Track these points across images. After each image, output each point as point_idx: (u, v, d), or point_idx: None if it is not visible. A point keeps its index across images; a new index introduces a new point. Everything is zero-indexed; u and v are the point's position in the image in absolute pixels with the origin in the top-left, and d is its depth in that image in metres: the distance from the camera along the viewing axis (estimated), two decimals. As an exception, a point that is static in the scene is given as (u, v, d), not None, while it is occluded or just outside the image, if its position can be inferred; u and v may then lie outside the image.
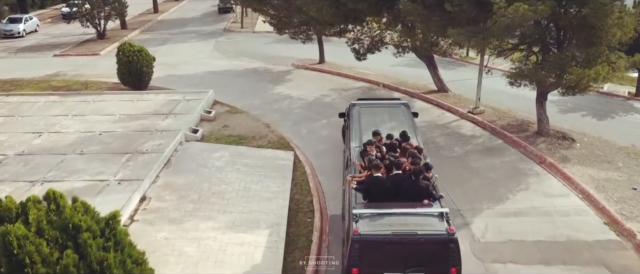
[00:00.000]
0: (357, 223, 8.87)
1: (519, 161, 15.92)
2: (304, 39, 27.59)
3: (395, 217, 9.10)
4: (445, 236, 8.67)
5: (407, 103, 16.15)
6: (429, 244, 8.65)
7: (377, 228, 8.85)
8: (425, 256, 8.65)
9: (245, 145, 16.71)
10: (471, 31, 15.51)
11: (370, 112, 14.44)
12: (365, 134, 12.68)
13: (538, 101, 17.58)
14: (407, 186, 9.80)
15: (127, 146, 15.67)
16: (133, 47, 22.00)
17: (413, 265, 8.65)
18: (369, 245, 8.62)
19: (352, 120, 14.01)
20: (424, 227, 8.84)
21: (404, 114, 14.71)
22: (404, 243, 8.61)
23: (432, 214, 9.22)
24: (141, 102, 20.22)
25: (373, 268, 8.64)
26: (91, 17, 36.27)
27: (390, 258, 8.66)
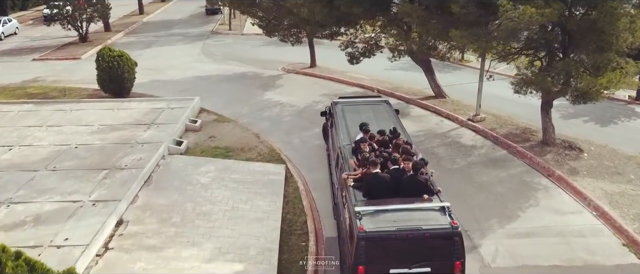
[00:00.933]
0: (361, 221, 8.75)
1: (525, 174, 14.95)
2: (294, 41, 26.52)
3: (397, 213, 9.00)
4: (450, 230, 8.68)
5: (388, 100, 16.06)
6: (433, 239, 8.67)
7: (382, 224, 8.76)
8: (430, 250, 8.70)
9: (233, 158, 15.57)
10: (474, 34, 14.52)
11: (354, 110, 14.27)
12: (352, 131, 12.53)
13: (543, 109, 16.64)
14: (407, 181, 9.71)
15: (105, 161, 14.46)
16: (113, 52, 20.76)
17: (418, 260, 8.69)
18: (374, 242, 8.56)
19: (337, 118, 13.81)
20: (428, 222, 8.82)
21: (387, 111, 14.63)
22: (409, 239, 8.63)
23: (433, 209, 9.16)
24: (122, 111, 18.98)
25: (379, 264, 8.63)
26: (72, 19, 34.84)
27: (395, 253, 8.68)
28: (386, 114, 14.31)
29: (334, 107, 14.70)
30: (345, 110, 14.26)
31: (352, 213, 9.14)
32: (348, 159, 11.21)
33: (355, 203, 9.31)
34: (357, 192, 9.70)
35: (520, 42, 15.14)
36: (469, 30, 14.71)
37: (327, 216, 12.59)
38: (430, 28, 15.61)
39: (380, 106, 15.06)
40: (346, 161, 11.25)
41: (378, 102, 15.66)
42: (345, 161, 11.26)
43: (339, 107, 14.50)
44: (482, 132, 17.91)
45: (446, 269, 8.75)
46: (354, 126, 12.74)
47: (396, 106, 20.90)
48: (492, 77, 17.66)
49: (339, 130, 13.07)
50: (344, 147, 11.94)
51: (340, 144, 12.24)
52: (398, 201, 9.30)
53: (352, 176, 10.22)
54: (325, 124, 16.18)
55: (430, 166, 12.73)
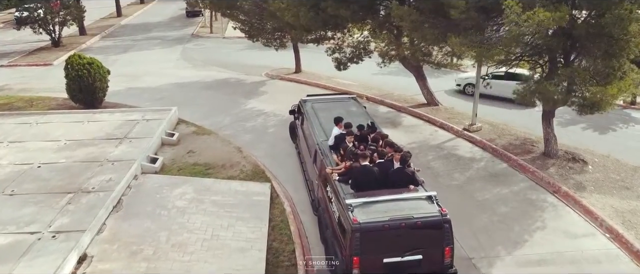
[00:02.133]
0: (353, 213, 8.91)
1: (529, 190, 13.89)
2: (278, 46, 25.26)
3: (387, 203, 9.19)
4: (440, 218, 8.96)
5: (356, 97, 16.28)
6: (424, 227, 8.89)
7: (374, 215, 8.92)
8: (421, 238, 8.95)
9: (213, 176, 14.24)
10: (475, 41, 13.41)
11: (325, 107, 14.45)
12: (327, 128, 12.75)
13: (545, 119, 15.63)
14: (395, 173, 9.94)
15: (70, 183, 13.03)
16: (83, 60, 19.26)
17: (410, 248, 8.88)
18: (368, 233, 8.71)
19: (308, 116, 13.96)
20: (418, 210, 9.06)
21: (357, 107, 14.85)
22: (402, 228, 8.80)
23: (421, 198, 9.44)
24: (92, 123, 17.52)
25: (373, 254, 8.79)
26: (44, 22, 33.11)
27: (388, 243, 8.84)
28: (357, 110, 14.51)
29: (304, 105, 14.82)
30: (316, 108, 14.44)
31: (343, 206, 9.24)
32: (328, 155, 11.48)
33: (344, 196, 9.46)
34: (343, 185, 9.89)
35: (523, 49, 14.03)
36: (468, 36, 13.61)
37: (318, 244, 11.36)
38: (426, 33, 14.44)
39: (350, 102, 15.26)
40: (326, 156, 11.47)
41: (346, 99, 15.71)
42: (326, 157, 11.45)
43: (309, 105, 14.70)
44: (480, 144, 16.84)
45: (436, 256, 9.03)
46: (328, 122, 12.96)
47: (386, 114, 20.07)
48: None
49: (313, 127, 13.17)
50: (322, 143, 12.15)
51: (316, 140, 12.40)
52: (385, 192, 9.46)
53: (336, 171, 10.43)
54: (292, 122, 16.39)
55: (426, 180, 11.92)
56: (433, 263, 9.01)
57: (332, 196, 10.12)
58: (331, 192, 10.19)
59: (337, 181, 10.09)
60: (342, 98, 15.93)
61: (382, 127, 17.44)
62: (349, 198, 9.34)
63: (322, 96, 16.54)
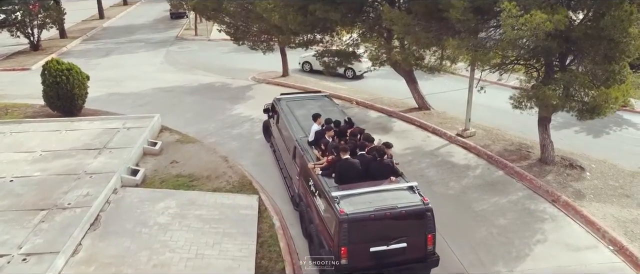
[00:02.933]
0: (340, 205, 9.14)
1: (528, 200, 13.38)
2: (264, 49, 24.58)
3: (371, 195, 9.48)
4: (422, 207, 9.30)
5: (329, 95, 16.48)
6: (408, 216, 9.19)
7: (360, 206, 9.15)
8: (405, 227, 9.26)
9: (198, 189, 13.53)
10: (473, 44, 12.89)
11: (300, 105, 14.74)
12: (305, 125, 12.97)
13: (541, 125, 15.16)
14: (376, 165, 10.19)
15: (45, 198, 12.24)
16: (61, 65, 18.39)
17: (395, 237, 9.15)
18: (356, 223, 8.94)
19: (284, 114, 14.17)
20: (401, 200, 9.34)
21: (331, 104, 15.11)
22: (387, 217, 9.08)
23: (403, 189, 9.75)
24: (70, 132, 16.70)
25: (360, 244, 9.03)
26: (22, 25, 32.02)
27: (375, 232, 9.11)
28: (331, 107, 14.78)
29: (278, 103, 15.05)
30: (291, 106, 14.69)
31: (329, 199, 9.43)
32: (308, 151, 11.72)
33: (329, 189, 9.68)
34: (327, 179, 10.09)
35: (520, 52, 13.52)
36: (465, 40, 13.08)
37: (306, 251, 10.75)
38: (420, 37, 13.87)
39: (324, 100, 15.53)
40: (307, 152, 11.68)
41: (320, 97, 15.97)
42: (306, 153, 11.67)
43: (284, 104, 14.93)
44: (475, 150, 16.32)
45: (420, 243, 9.35)
46: (305, 119, 13.26)
47: (377, 120, 19.51)
48: (484, 89, 16.05)
49: (291, 125, 13.36)
50: (301, 139, 12.38)
51: (295, 137, 12.62)
52: (368, 184, 9.75)
53: (318, 165, 10.63)
54: (266, 121, 16.74)
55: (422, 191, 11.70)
56: (417, 250, 9.36)
57: (315, 190, 10.35)
58: (314, 186, 10.42)
59: (319, 175, 10.31)
60: (315, 96, 16.16)
61: (373, 133, 16.88)
62: (334, 191, 9.55)
63: (296, 94, 16.75)
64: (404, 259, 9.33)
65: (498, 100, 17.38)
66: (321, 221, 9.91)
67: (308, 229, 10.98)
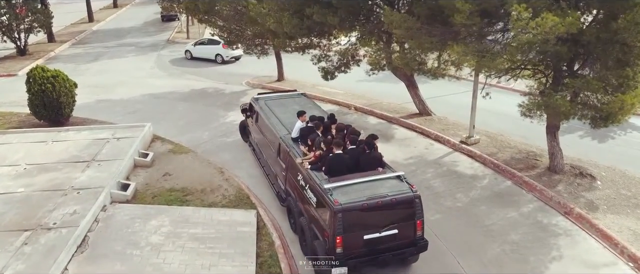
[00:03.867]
0: (333, 195, 9.44)
1: (539, 213, 12.77)
2: (259, 53, 23.88)
3: (361, 185, 9.83)
4: (411, 194, 9.70)
5: (304, 93, 16.71)
6: (398, 203, 9.57)
7: (352, 196, 9.47)
8: (395, 214, 9.62)
9: (192, 204, 12.80)
10: (479, 50, 12.26)
11: (279, 104, 14.94)
12: (287, 123, 13.20)
13: (549, 132, 14.57)
14: (365, 158, 10.62)
15: (28, 217, 11.46)
16: (47, 73, 17.57)
17: (387, 224, 9.54)
18: (349, 213, 9.26)
19: (264, 113, 14.35)
20: (391, 189, 9.73)
21: (308, 102, 15.35)
22: (379, 206, 9.44)
23: (390, 178, 10.15)
24: (57, 143, 15.90)
25: (354, 232, 9.36)
26: (8, 30, 31.07)
27: (367, 220, 9.50)
28: (309, 104, 14.93)
29: (257, 103, 15.20)
30: (271, 105, 14.85)
31: (322, 191, 9.72)
32: (294, 147, 11.88)
33: (320, 182, 9.98)
34: (317, 173, 10.39)
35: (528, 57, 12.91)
36: (471, 45, 12.46)
37: None
38: (423, 41, 13.22)
39: (301, 98, 15.80)
40: (292, 148, 11.86)
41: (296, 95, 16.23)
42: (292, 149, 11.84)
43: (262, 103, 15.07)
44: (480, 158, 15.71)
45: (410, 229, 9.77)
46: (287, 117, 13.51)
47: (377, 126, 18.87)
48: (489, 95, 15.44)
49: (272, 123, 13.55)
50: (285, 136, 12.54)
51: (279, 134, 12.79)
52: (357, 176, 10.07)
53: (306, 160, 10.94)
54: (243, 121, 17.00)
55: (427, 204, 11.67)
56: (407, 236, 9.79)
57: (305, 184, 10.61)
58: (304, 180, 10.69)
59: (309, 169, 10.60)
60: (292, 95, 16.32)
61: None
62: (326, 183, 9.84)
63: (272, 93, 17.01)
64: (395, 245, 9.74)
65: (499, 103, 16.83)
66: (314, 213, 10.16)
67: (297, 223, 11.32)
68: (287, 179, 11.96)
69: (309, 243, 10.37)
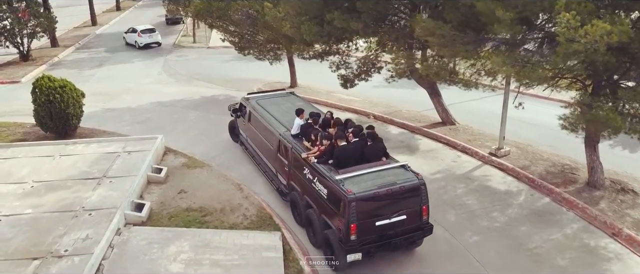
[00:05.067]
0: (345, 186, 9.83)
1: (584, 233, 11.89)
2: (271, 59, 23.04)
3: (370, 175, 10.24)
4: (417, 181, 10.21)
5: (293, 92, 17.08)
6: (406, 190, 10.04)
7: (363, 185, 9.89)
8: (403, 200, 10.09)
9: (212, 225, 11.94)
10: (520, 59, 11.41)
11: (272, 103, 15.24)
12: (283, 120, 13.57)
13: (589, 146, 13.70)
14: (370, 149, 11.06)
15: (38, 243, 10.60)
16: (54, 82, 16.72)
17: (396, 210, 10.02)
18: (362, 201, 9.65)
19: (258, 112, 14.69)
20: (399, 177, 10.22)
21: (300, 100, 15.64)
22: (388, 194, 9.88)
23: (396, 167, 10.62)
24: (64, 158, 15.05)
25: (367, 219, 9.76)
26: (11, 34, 30.23)
27: (378, 207, 9.93)
28: (301, 102, 15.18)
29: (248, 103, 15.54)
30: (263, 104, 15.15)
31: (333, 182, 10.12)
32: (296, 143, 12.16)
33: (330, 174, 10.37)
34: (323, 166, 10.76)
35: (572, 66, 12.03)
36: (510, 55, 11.60)
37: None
38: (459, 50, 12.36)
39: (290, 96, 16.16)
40: (295, 145, 12.15)
41: (286, 94, 16.64)
42: (294, 145, 12.16)
43: (254, 103, 15.35)
44: (513, 172, 14.83)
45: (416, 215, 10.30)
46: (282, 115, 13.92)
47: (399, 137, 18.03)
48: (522, 105, 14.57)
49: (269, 121, 13.86)
50: (284, 134, 12.84)
51: (278, 132, 13.09)
52: (364, 166, 10.48)
53: (312, 154, 11.24)
54: (232, 121, 17.21)
55: (462, 224, 11.89)
56: (414, 220, 10.30)
57: (313, 177, 10.94)
58: (311, 174, 11.04)
59: (315, 163, 10.94)
60: (282, 94, 16.72)
61: (397, 151, 15.98)
62: (337, 175, 10.21)
63: (262, 93, 17.19)
64: (404, 230, 10.23)
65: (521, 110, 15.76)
66: (325, 204, 10.49)
67: (303, 215, 11.75)
68: (289, 174, 12.36)
69: (320, 233, 10.80)
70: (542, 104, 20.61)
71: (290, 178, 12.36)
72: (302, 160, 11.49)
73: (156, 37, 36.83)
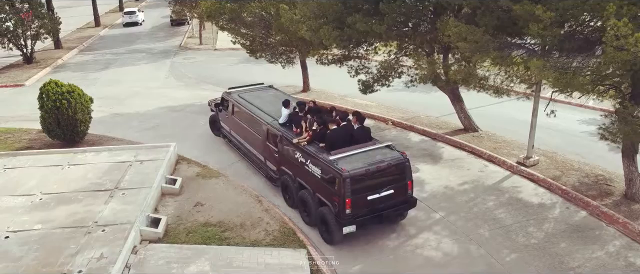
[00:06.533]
0: (339, 165, 10.79)
1: (629, 252, 11.17)
2: (284, 62, 22.35)
3: (360, 155, 11.28)
4: (403, 159, 11.34)
5: (272, 85, 17.71)
6: (393, 167, 11.16)
7: (355, 164, 10.88)
8: (391, 177, 11.19)
9: (232, 242, 11.24)
10: (560, 66, 10.72)
11: (255, 96, 16.04)
12: (269, 111, 14.45)
13: (626, 156, 12.99)
14: (357, 131, 12.13)
15: (49, 263, 9.91)
16: (61, 88, 16.04)
17: (384, 186, 11.11)
18: (356, 178, 10.63)
19: (242, 105, 15.39)
20: (386, 156, 11.30)
21: (280, 93, 16.59)
22: (378, 170, 10.95)
23: (382, 148, 11.69)
24: (74, 168, 14.37)
25: (360, 194, 10.78)
26: (14, 36, 29.54)
27: (369, 183, 10.92)
28: (281, 94, 16.25)
29: (230, 97, 16.27)
30: (246, 97, 15.94)
31: (327, 163, 11.07)
32: (285, 131, 13.06)
33: (323, 156, 11.35)
34: (315, 148, 11.80)
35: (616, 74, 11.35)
36: (551, 60, 10.92)
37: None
38: (493, 56, 11.67)
39: (270, 90, 17.09)
40: (285, 132, 13.03)
41: (265, 87, 17.41)
42: (284, 133, 13.02)
43: (236, 96, 16.10)
44: (544, 183, 14.12)
45: (402, 189, 11.40)
46: (266, 106, 14.85)
47: (421, 144, 17.39)
48: (554, 113, 13.86)
49: (256, 113, 14.62)
50: (272, 123, 13.70)
51: (266, 122, 13.92)
52: (354, 147, 11.50)
53: (302, 139, 12.22)
54: (213, 116, 18.00)
55: (496, 238, 11.42)
56: (401, 194, 11.40)
57: (306, 159, 11.86)
58: (304, 157, 11.97)
59: (306, 146, 11.97)
60: (262, 87, 17.42)
61: (420, 160, 15.60)
62: (330, 156, 11.14)
63: (242, 87, 17.39)
64: (392, 203, 11.31)
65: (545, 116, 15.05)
66: (319, 183, 11.42)
67: (296, 196, 12.56)
68: (280, 160, 13.19)
69: (315, 211, 11.71)
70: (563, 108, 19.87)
71: (280, 164, 13.21)
72: (294, 145, 12.35)
73: (135, 18, 47.01)
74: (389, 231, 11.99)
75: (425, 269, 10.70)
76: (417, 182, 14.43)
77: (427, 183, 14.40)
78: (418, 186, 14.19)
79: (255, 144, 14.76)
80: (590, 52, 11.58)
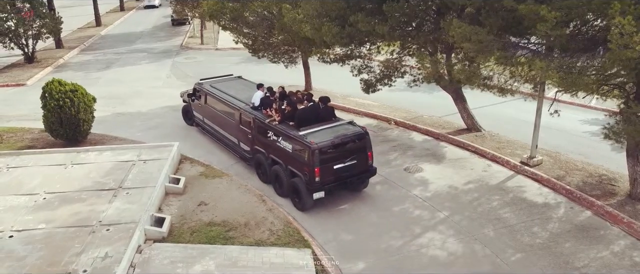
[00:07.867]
0: (308, 139, 12.34)
1: (634, 251, 11.16)
2: (287, 62, 22.32)
3: (326, 130, 12.86)
4: (363, 132, 12.95)
5: (241, 76, 19.13)
6: (355, 140, 12.77)
7: (322, 137, 12.46)
8: (353, 148, 12.75)
9: (237, 242, 11.21)
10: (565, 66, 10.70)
11: (226, 86, 17.32)
12: (241, 97, 15.85)
13: (631, 156, 12.99)
14: (323, 110, 13.69)
15: (53, 263, 9.89)
16: (64, 87, 16.01)
17: (348, 156, 12.66)
18: (323, 150, 12.19)
19: (215, 94, 16.65)
20: (348, 130, 12.97)
21: (249, 82, 17.81)
22: (342, 142, 12.56)
23: (344, 124, 13.36)
24: (77, 167, 14.35)
25: (327, 164, 12.31)
26: (15, 36, 29.50)
27: (335, 154, 12.48)
28: (249, 83, 17.62)
29: (203, 87, 17.47)
30: (218, 87, 17.21)
31: (297, 137, 12.57)
32: (257, 113, 14.45)
33: (293, 132, 12.80)
34: (285, 126, 13.23)
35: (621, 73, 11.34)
36: (555, 60, 10.90)
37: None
38: (498, 56, 11.64)
39: (240, 79, 18.58)
40: (256, 115, 14.40)
41: (235, 78, 18.84)
42: (256, 115, 14.40)
43: (208, 86, 17.37)
44: (548, 183, 14.11)
45: (364, 159, 12.95)
46: (238, 94, 16.16)
47: (424, 144, 17.37)
48: (558, 113, 13.82)
49: (229, 100, 15.89)
50: (245, 107, 15.07)
51: (239, 107, 15.23)
52: (320, 124, 13.05)
53: (272, 120, 13.65)
54: (186, 106, 19.23)
55: (501, 238, 11.37)
56: (363, 164, 12.95)
57: (278, 136, 13.29)
58: (275, 134, 13.41)
59: (277, 125, 13.38)
60: (231, 77, 18.82)
61: (424, 160, 15.97)
62: (299, 131, 12.65)
63: (213, 78, 18.61)
64: (355, 172, 12.86)
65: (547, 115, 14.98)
66: (291, 156, 12.86)
67: (269, 172, 13.96)
68: (253, 140, 14.52)
69: (287, 182, 13.15)
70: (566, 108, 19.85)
71: (254, 144, 14.50)
72: (265, 125, 13.76)
73: (153, 2, 59.86)
74: (393, 230, 11.98)
75: (430, 268, 10.68)
76: (421, 181, 14.45)
77: (430, 183, 14.38)
78: (422, 186, 14.20)
79: (228, 128, 16.04)
80: (594, 52, 11.57)
